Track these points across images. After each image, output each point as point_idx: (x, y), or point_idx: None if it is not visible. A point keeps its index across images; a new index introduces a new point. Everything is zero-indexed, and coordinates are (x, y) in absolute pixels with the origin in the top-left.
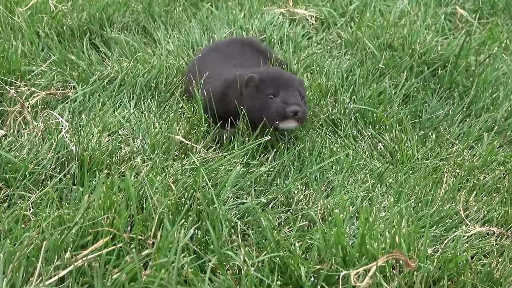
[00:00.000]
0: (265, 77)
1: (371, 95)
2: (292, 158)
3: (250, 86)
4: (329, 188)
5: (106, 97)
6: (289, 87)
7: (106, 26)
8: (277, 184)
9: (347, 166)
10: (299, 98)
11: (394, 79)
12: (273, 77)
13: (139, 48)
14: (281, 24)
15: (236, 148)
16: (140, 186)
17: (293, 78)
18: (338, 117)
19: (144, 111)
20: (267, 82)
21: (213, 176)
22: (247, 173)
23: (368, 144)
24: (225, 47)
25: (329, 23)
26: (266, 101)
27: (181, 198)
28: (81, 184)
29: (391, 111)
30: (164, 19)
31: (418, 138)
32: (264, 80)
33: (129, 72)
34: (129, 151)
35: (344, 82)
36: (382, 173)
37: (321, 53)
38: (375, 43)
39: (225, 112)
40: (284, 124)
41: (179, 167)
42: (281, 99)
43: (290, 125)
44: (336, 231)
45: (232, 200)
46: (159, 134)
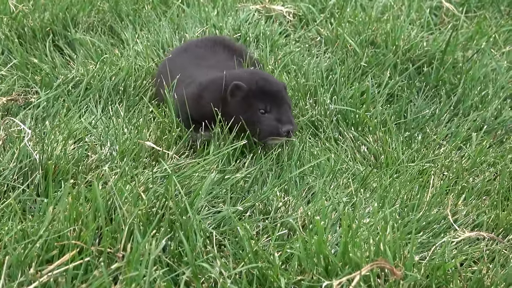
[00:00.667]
0: (253, 87)
1: (353, 95)
2: (270, 163)
3: (237, 95)
4: (309, 194)
5: (71, 102)
6: (281, 101)
7: (70, 26)
8: (255, 191)
9: (328, 171)
10: (290, 114)
11: (377, 77)
12: (262, 87)
13: (105, 50)
14: (257, 21)
15: (211, 153)
16: (109, 196)
17: (281, 87)
18: (319, 119)
19: (112, 117)
20: (256, 94)
21: (186, 184)
22: (222, 180)
23: (350, 146)
24: (196, 47)
25: (308, 20)
26: (257, 116)
27: (152, 208)
28: (45, 195)
29: (374, 112)
30: (132, 18)
31: (403, 140)
32: (253, 91)
33: (96, 75)
34: (96, 159)
35: (324, 81)
36: (365, 177)
37: (300, 51)
38: (356, 39)
39: (200, 115)
40: (274, 141)
41: (149, 175)
42: (274, 116)
43: (280, 141)
44: (317, 240)
45: (206, 209)
46: (128, 140)
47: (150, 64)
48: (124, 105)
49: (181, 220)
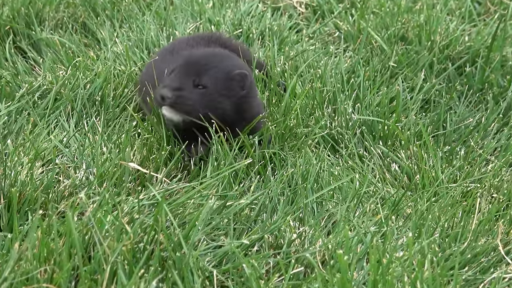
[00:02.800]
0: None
1: (380, 102)
2: (281, 186)
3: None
4: (330, 223)
5: (37, 116)
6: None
7: (34, 24)
8: (263, 220)
9: (352, 194)
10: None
11: (409, 80)
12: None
13: (78, 52)
14: (262, 14)
15: (209, 174)
16: (86, 229)
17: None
18: (339, 131)
19: (87, 133)
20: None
21: (179, 213)
22: (223, 208)
23: (378, 165)
24: (187, 46)
25: (324, 11)
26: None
27: (139, 243)
28: (9, 230)
29: (406, 122)
30: (110, 13)
31: (442, 155)
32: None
33: (67, 83)
34: (70, 184)
35: (345, 86)
36: (397, 201)
37: (314, 50)
38: (383, 34)
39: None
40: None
41: (135, 203)
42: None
43: (168, 114)
44: (340, 278)
45: (205, 243)
46: (108, 161)
47: (132, 68)
48: (102, 119)
49: (174, 257)
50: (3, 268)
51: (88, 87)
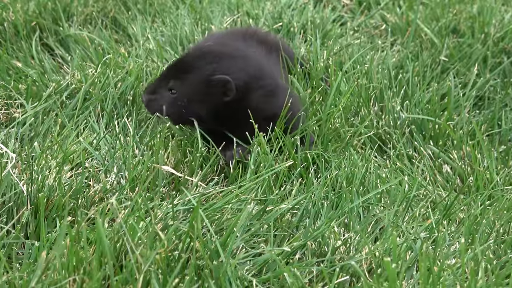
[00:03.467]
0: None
1: (431, 99)
2: (324, 190)
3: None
4: (377, 229)
5: (66, 117)
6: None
7: (62, 19)
8: (305, 226)
9: (401, 198)
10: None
11: (461, 75)
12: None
13: (108, 48)
14: (303, 6)
15: (249, 177)
16: (117, 237)
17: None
18: (387, 131)
19: (118, 134)
20: None
21: (216, 219)
22: (263, 213)
23: (429, 166)
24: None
25: (370, 3)
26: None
27: (174, 251)
28: (36, 237)
29: (459, 120)
30: (142, 7)
31: (497, 156)
32: None
33: (96, 82)
34: (100, 189)
35: (392, 82)
36: (449, 205)
37: (360, 44)
38: (433, 27)
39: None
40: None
41: (169, 208)
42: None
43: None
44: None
45: (244, 250)
46: (140, 164)
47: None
48: (133, 119)
49: (211, 265)
50: (30, 278)
51: (119, 85)
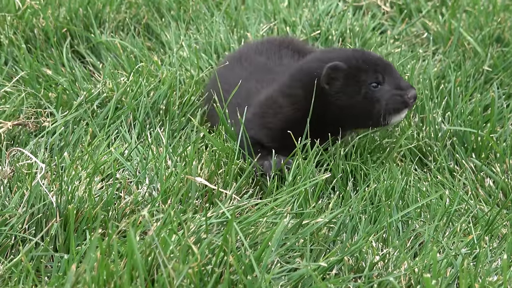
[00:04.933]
0: (353, 62)
1: (473, 110)
2: (362, 204)
3: (336, 79)
4: (416, 244)
5: (96, 127)
6: (389, 67)
7: (94, 26)
8: (343, 241)
9: (441, 213)
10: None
11: (505, 86)
12: (362, 59)
13: (141, 56)
14: (342, 14)
15: (286, 190)
16: (149, 250)
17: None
18: (427, 143)
19: (150, 145)
20: (359, 69)
21: (251, 233)
22: (299, 227)
23: (471, 180)
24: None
25: (411, 10)
26: (371, 93)
27: (207, 265)
28: (66, 250)
29: (502, 132)
30: (176, 14)
31: None
32: (355, 67)
33: (128, 90)
34: (131, 201)
35: (434, 93)
36: (491, 220)
37: (401, 52)
38: (477, 36)
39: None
40: (397, 117)
41: (202, 221)
42: (391, 85)
43: (402, 115)
44: None
45: (279, 265)
46: (172, 176)
47: (200, 75)
48: (166, 129)
49: (245, 280)
50: None
51: (151, 94)
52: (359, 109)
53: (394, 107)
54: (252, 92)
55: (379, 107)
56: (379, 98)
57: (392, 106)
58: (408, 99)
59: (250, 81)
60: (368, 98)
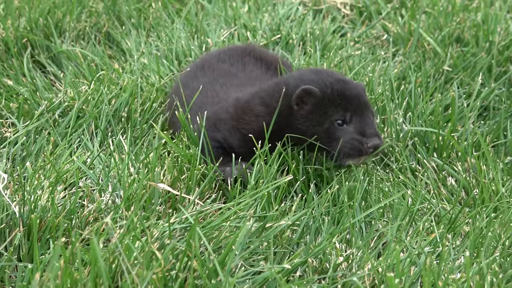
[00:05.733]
0: (328, 92)
1: (434, 110)
2: (325, 205)
3: (306, 103)
4: (379, 244)
5: (58, 136)
6: (363, 108)
7: (54, 35)
8: (306, 243)
9: (404, 212)
10: (375, 124)
11: (465, 85)
12: (339, 91)
13: (102, 64)
14: (302, 17)
15: (249, 193)
16: (113, 257)
17: (361, 90)
18: (389, 143)
19: (113, 152)
20: (332, 100)
21: (214, 238)
22: (262, 230)
23: (433, 179)
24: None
25: (371, 12)
26: (333, 130)
27: (171, 270)
28: (29, 260)
29: (463, 131)
30: (136, 21)
31: (503, 167)
32: (328, 97)
33: (90, 99)
34: (94, 209)
35: (394, 94)
36: (454, 218)
37: (361, 55)
38: (437, 36)
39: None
40: (354, 161)
41: (165, 227)
42: (355, 128)
43: (361, 160)
44: None
45: (243, 269)
46: (135, 182)
47: (162, 82)
48: (128, 137)
49: (209, 285)
50: None
51: (113, 102)
52: (317, 140)
53: (349, 152)
54: (217, 96)
55: (335, 145)
56: (338, 137)
57: (347, 150)
58: (366, 148)
59: (214, 85)
60: (328, 133)
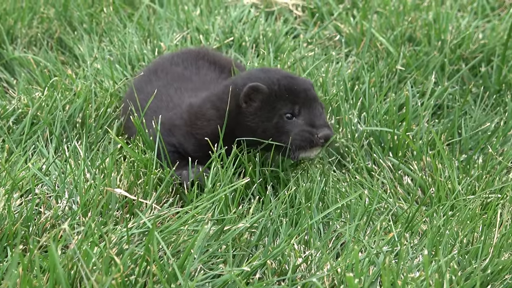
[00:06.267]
0: (275, 88)
1: (388, 109)
2: (283, 207)
3: (254, 100)
4: (338, 244)
5: (13, 143)
6: (311, 101)
7: (6, 42)
8: (265, 245)
9: (361, 212)
10: (325, 116)
11: (419, 84)
12: (286, 87)
13: (55, 70)
14: (255, 20)
15: (206, 197)
16: (71, 263)
17: (309, 85)
18: (344, 144)
19: (68, 158)
20: (279, 96)
21: (173, 242)
22: (220, 233)
23: (389, 178)
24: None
25: (323, 13)
26: (282, 124)
27: (130, 276)
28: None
29: (418, 130)
30: (88, 26)
31: (459, 165)
32: (275, 93)
33: (44, 105)
34: (51, 216)
35: (349, 94)
36: (411, 217)
37: (314, 56)
38: (389, 36)
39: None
40: (307, 153)
41: (124, 232)
42: (305, 120)
43: (314, 153)
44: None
45: (202, 272)
46: (92, 188)
47: (116, 87)
48: (84, 142)
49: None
50: None
51: (67, 108)
52: (268, 136)
53: (300, 144)
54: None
55: (286, 139)
56: (288, 130)
57: (298, 142)
58: (317, 138)
59: (169, 89)
60: (278, 127)
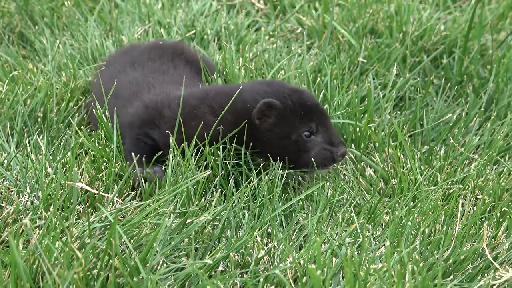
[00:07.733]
0: (288, 103)
1: (350, 102)
2: (245, 200)
3: (269, 115)
4: (300, 236)
5: None
6: (325, 117)
7: None
8: (227, 238)
9: (323, 204)
10: (337, 132)
11: (381, 76)
12: (299, 101)
13: (15, 64)
14: (217, 13)
15: (168, 190)
16: (33, 258)
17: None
18: None
19: (30, 153)
20: (294, 110)
21: (135, 235)
22: (183, 226)
23: (351, 170)
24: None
25: (284, 6)
26: (302, 142)
27: (92, 270)
28: None
29: (380, 122)
30: (49, 20)
31: (421, 156)
32: (290, 107)
33: (4, 100)
34: (13, 210)
35: (311, 87)
36: (373, 208)
37: (276, 49)
38: (351, 28)
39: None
40: (324, 170)
41: (85, 226)
42: (323, 138)
43: (329, 168)
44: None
45: (165, 265)
46: (53, 182)
47: (78, 81)
48: (45, 137)
49: (132, 283)
50: None
51: (28, 102)
52: (286, 153)
53: (322, 161)
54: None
55: (307, 157)
56: (309, 149)
57: (320, 160)
58: (337, 156)
59: (147, 78)
60: (298, 145)
